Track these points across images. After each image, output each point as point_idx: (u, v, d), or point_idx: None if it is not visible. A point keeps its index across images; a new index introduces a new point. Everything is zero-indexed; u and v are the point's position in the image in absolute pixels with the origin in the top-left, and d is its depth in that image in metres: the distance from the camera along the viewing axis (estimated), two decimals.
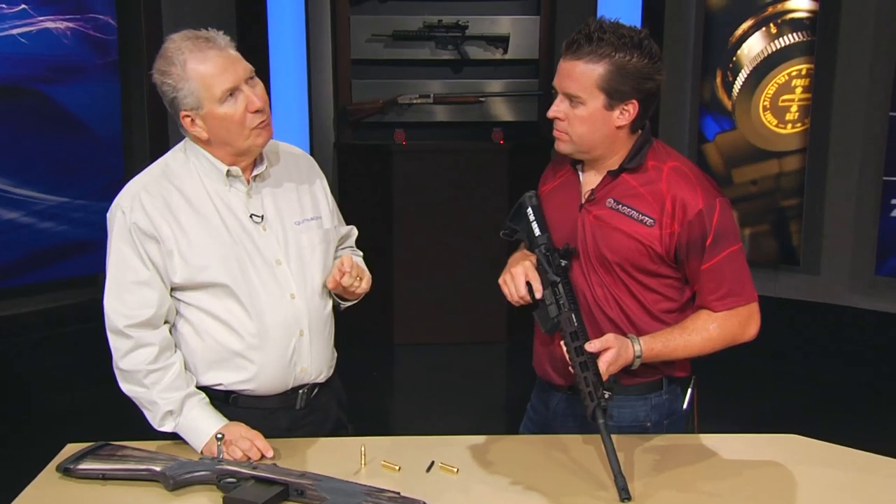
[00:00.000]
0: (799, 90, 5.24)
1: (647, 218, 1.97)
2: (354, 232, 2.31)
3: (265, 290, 1.98)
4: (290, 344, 2.01)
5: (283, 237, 2.02)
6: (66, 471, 1.83)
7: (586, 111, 1.94)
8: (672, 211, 1.95)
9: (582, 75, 1.92)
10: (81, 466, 1.83)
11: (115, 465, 1.83)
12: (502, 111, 5.41)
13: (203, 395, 2.00)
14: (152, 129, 5.18)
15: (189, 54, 1.88)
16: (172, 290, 1.98)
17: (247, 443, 1.89)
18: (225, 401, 2.02)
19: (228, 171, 1.98)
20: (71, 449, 1.91)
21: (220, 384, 2.01)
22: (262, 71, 5.81)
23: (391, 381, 4.83)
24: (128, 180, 2.02)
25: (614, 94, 1.92)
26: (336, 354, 2.17)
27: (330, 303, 2.11)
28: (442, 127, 5.44)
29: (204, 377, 2.01)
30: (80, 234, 5.13)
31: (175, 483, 1.76)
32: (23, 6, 4.77)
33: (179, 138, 2.05)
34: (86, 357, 4.86)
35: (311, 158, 2.21)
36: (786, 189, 5.40)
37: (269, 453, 1.89)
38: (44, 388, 4.39)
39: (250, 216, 1.99)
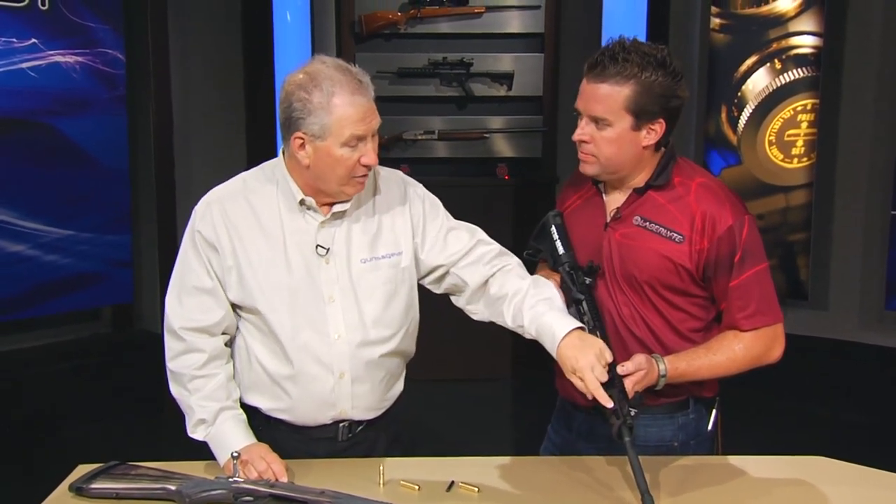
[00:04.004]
0: (804, 125, 5.27)
1: (676, 234, 1.94)
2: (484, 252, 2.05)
3: (311, 327, 1.93)
4: (328, 385, 1.95)
5: (344, 274, 1.95)
6: (78, 490, 1.78)
7: (614, 133, 1.91)
8: (702, 227, 1.93)
9: (608, 97, 1.89)
10: (94, 486, 1.79)
11: (129, 485, 1.79)
12: (506, 147, 5.41)
13: (240, 411, 1.97)
14: (159, 162, 5.14)
15: (339, 88, 1.81)
16: (232, 305, 1.97)
17: (263, 464, 1.84)
18: (266, 422, 2.00)
19: (302, 200, 1.93)
20: (82, 469, 1.87)
21: (259, 407, 1.99)
22: (268, 108, 5.75)
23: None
24: (134, 213, 2.00)
25: (641, 115, 1.90)
26: (398, 391, 2.08)
27: (390, 346, 2.00)
28: (446, 163, 5.43)
29: (245, 396, 2.00)
30: (86, 267, 5.11)
31: (191, 502, 1.72)
32: (33, 40, 4.81)
33: (185, 173, 2.01)
34: (90, 390, 4.83)
35: (411, 183, 2.08)
36: (793, 223, 5.39)
37: (284, 478, 1.83)
38: (51, 421, 4.32)
39: (317, 247, 1.94)
